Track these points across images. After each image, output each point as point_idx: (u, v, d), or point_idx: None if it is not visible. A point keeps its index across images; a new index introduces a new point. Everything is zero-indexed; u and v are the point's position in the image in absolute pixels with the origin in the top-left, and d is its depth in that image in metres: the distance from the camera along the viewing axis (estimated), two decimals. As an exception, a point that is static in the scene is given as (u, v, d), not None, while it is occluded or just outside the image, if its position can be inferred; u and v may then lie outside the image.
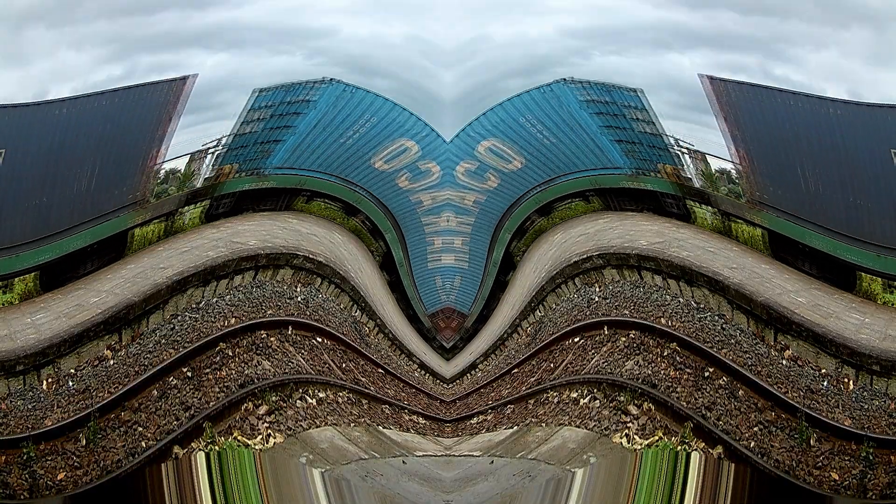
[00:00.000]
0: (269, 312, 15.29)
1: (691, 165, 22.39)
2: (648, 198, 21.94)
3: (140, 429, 10.35)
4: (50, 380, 11.78)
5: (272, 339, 13.96)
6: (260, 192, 21.98)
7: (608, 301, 16.22)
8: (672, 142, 21.81)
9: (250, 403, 11.36)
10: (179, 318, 14.33)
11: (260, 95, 22.59)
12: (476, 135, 22.41)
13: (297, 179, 22.35)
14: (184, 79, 19.34)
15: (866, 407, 11.25)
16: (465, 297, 23.17)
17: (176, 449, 9.84)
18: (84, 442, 9.82)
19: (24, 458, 9.27)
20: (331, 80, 22.34)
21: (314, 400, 12.30)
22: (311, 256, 18.33)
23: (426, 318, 22.56)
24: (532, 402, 13.12)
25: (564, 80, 22.28)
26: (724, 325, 14.05)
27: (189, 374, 11.98)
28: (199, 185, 20.86)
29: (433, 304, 23.03)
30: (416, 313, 22.75)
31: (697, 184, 21.08)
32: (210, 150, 21.85)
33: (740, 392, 11.30)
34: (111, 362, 12.45)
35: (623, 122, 22.28)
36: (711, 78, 19.44)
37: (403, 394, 15.62)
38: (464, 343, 22.21)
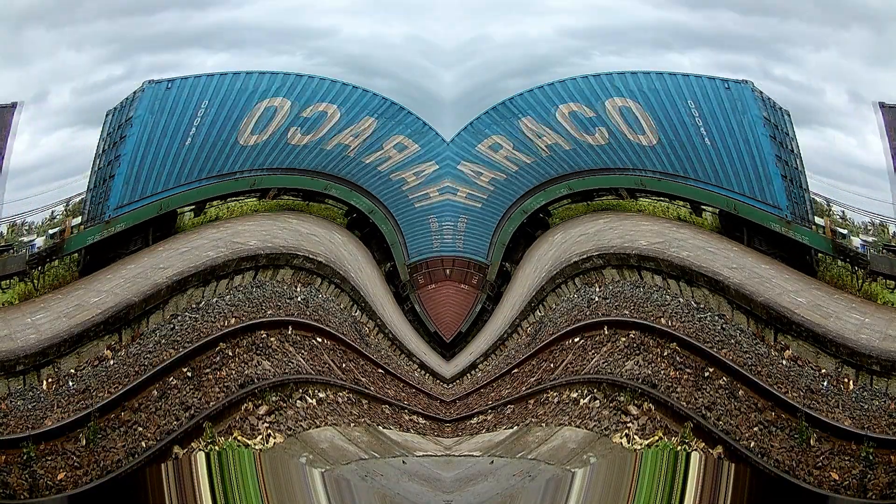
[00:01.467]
0: (269, 312, 15.29)
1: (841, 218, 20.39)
2: (788, 245, 18.66)
3: (140, 429, 10.36)
4: (50, 380, 11.78)
5: (272, 339, 13.96)
6: (117, 236, 18.30)
7: (608, 301, 16.22)
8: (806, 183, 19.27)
9: (250, 403, 11.36)
10: (179, 318, 14.33)
11: (107, 119, 20.16)
12: (612, 89, 20.66)
13: (156, 207, 18.96)
14: (11, 106, 17.80)
15: (866, 407, 11.26)
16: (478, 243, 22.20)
17: (176, 449, 9.83)
18: (84, 442, 9.82)
19: (24, 458, 9.27)
20: (144, 84, 19.93)
21: (314, 400, 12.30)
22: (311, 256, 18.33)
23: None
24: (532, 402, 13.12)
25: (746, 81, 19.90)
26: (724, 325, 14.05)
27: (189, 374, 11.98)
28: (42, 244, 17.80)
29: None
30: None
31: (856, 243, 18.32)
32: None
33: (740, 392, 11.30)
34: (111, 362, 12.46)
35: (787, 153, 19.71)
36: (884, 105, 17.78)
37: (403, 394, 15.61)
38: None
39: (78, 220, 18.77)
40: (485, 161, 21.76)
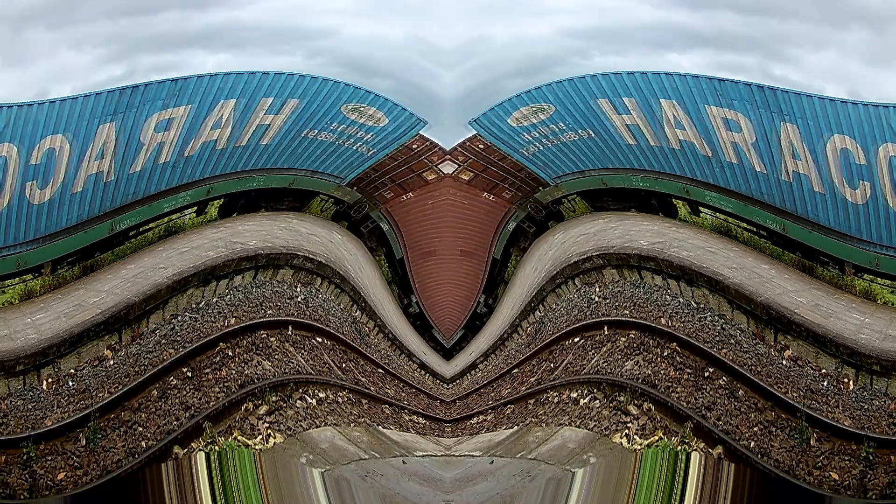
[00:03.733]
0: (269, 312, 15.29)
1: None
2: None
3: (140, 429, 10.36)
4: (50, 380, 11.78)
5: (272, 339, 13.97)
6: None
7: (608, 301, 16.22)
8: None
9: (250, 403, 11.36)
10: (179, 318, 14.33)
11: None
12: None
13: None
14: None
15: (866, 407, 11.26)
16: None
17: (176, 449, 9.84)
18: (84, 442, 9.82)
19: (24, 458, 9.27)
20: None
21: (314, 400, 12.30)
22: (311, 256, 18.33)
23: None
24: (532, 402, 13.12)
25: None
26: (724, 325, 14.05)
27: (189, 374, 11.98)
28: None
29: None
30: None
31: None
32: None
33: (740, 392, 11.30)
34: (111, 362, 12.46)
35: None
36: None
37: (403, 394, 15.62)
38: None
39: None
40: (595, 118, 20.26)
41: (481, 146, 22.46)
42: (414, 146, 22.33)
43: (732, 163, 18.03)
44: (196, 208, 20.26)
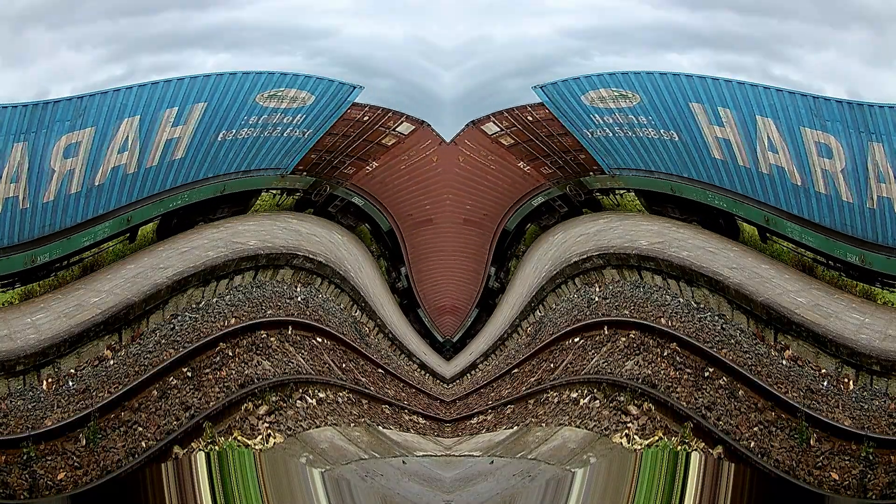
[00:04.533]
0: (269, 312, 15.29)
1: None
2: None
3: (140, 429, 10.35)
4: (50, 380, 11.77)
5: (272, 339, 13.97)
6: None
7: (608, 301, 16.22)
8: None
9: (250, 403, 11.36)
10: (179, 318, 14.33)
11: None
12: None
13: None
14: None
15: (866, 407, 11.25)
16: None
17: (176, 449, 9.84)
18: (84, 442, 9.82)
19: (24, 458, 9.27)
20: None
21: (314, 400, 12.30)
22: (311, 256, 18.33)
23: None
24: (532, 402, 13.12)
25: None
26: (724, 325, 14.05)
27: (189, 374, 11.98)
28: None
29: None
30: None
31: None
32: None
33: (740, 392, 11.30)
34: (111, 362, 12.45)
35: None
36: None
37: (403, 394, 15.62)
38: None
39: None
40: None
41: (530, 118, 21.51)
42: (365, 118, 21.48)
43: (821, 193, 16.36)
44: (127, 235, 18.51)
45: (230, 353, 12.89)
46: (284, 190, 21.98)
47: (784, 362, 12.62)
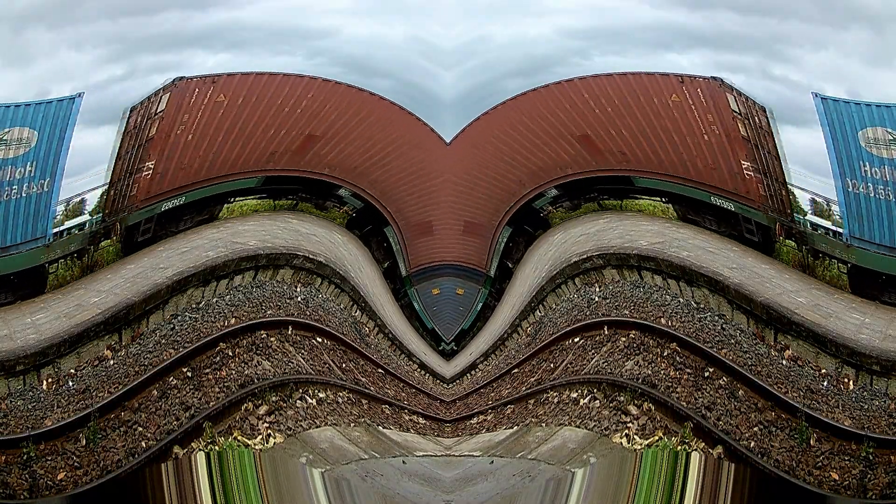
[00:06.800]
0: (269, 312, 15.29)
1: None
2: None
3: (140, 429, 10.35)
4: (50, 380, 11.78)
5: (272, 339, 13.97)
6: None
7: (608, 301, 16.22)
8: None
9: (250, 403, 11.36)
10: (179, 318, 14.33)
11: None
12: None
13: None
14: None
15: (866, 407, 11.25)
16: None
17: (176, 449, 9.83)
18: (84, 442, 9.81)
19: (24, 458, 9.26)
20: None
21: (314, 400, 12.30)
22: (311, 256, 18.34)
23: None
24: (532, 402, 13.12)
25: None
26: (724, 325, 14.05)
27: (189, 374, 11.98)
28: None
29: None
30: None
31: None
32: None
33: (740, 392, 11.30)
34: (111, 362, 12.45)
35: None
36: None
37: (403, 394, 15.62)
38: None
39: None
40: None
41: (762, 126, 18.40)
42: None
43: None
44: None
45: (230, 353, 12.88)
46: (63, 257, 16.59)
47: (784, 362, 12.62)
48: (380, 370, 16.01)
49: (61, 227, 16.74)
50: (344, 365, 14.80)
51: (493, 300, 22.45)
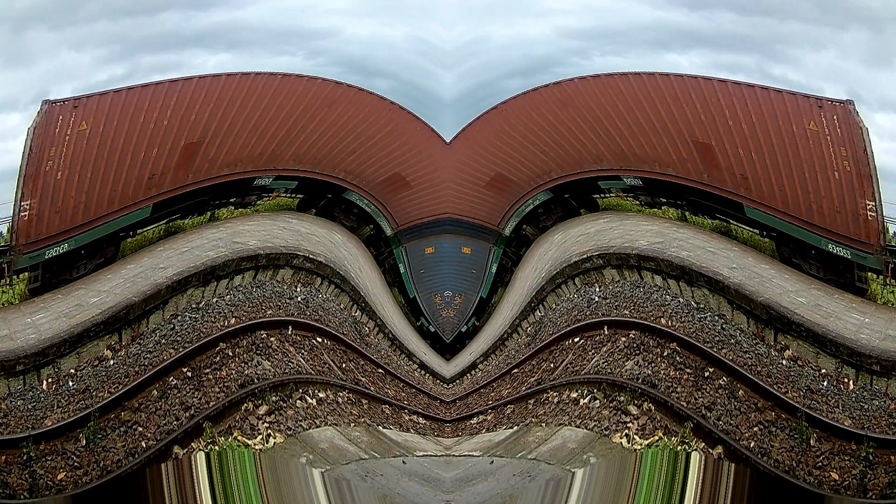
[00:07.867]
0: (269, 312, 15.29)
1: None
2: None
3: (140, 429, 10.35)
4: (50, 380, 11.78)
5: (272, 339, 13.97)
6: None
7: (608, 301, 16.22)
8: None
9: (250, 403, 11.36)
10: (179, 318, 14.33)
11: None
12: None
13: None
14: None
15: (866, 407, 11.26)
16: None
17: (176, 449, 9.84)
18: (84, 442, 9.82)
19: (24, 458, 9.27)
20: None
21: (314, 400, 12.30)
22: (311, 256, 18.33)
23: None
24: (532, 402, 13.12)
25: None
26: (724, 325, 14.05)
27: (189, 374, 11.98)
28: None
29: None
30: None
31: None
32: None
33: (740, 392, 11.30)
34: (111, 362, 12.45)
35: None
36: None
37: (403, 394, 15.62)
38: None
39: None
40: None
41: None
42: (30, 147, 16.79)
43: None
44: None
45: (230, 353, 12.89)
46: None
47: (784, 362, 12.62)
48: (380, 370, 16.01)
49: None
50: (344, 365, 14.80)
51: (509, 262, 20.86)
